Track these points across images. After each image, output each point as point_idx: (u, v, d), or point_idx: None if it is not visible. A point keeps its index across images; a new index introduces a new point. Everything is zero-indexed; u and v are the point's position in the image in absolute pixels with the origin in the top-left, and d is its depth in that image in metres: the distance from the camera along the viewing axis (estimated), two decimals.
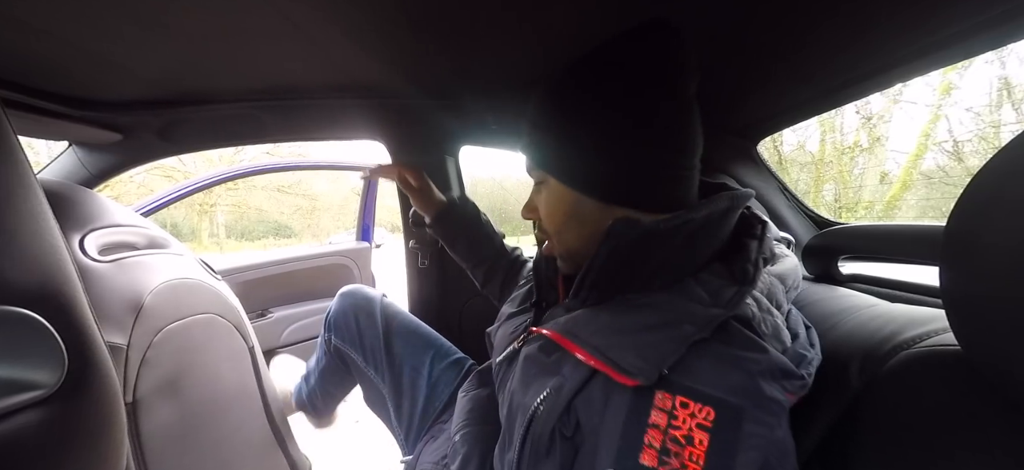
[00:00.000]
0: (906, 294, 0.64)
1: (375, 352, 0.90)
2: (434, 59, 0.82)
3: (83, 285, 0.44)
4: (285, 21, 0.66)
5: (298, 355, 1.71)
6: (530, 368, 0.46)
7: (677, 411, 0.34)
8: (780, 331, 0.41)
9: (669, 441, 0.33)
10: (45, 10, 0.61)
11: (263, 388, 1.09)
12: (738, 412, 0.33)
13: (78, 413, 0.41)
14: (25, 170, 0.41)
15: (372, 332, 0.92)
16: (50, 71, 0.81)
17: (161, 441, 0.81)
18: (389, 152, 1.22)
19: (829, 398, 0.45)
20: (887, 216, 4.33)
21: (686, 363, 0.36)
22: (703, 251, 0.44)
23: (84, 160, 1.12)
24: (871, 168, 4.66)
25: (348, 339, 0.92)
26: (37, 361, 0.38)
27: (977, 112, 3.89)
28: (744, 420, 0.33)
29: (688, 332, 0.37)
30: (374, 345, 0.90)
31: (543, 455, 0.40)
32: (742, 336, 0.37)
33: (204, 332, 0.94)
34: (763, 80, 0.77)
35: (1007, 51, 3.53)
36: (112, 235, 0.85)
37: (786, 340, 0.41)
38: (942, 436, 0.35)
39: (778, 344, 0.40)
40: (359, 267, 1.91)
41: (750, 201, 0.48)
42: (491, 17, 0.65)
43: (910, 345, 0.41)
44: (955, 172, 3.99)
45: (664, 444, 0.33)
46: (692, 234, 0.43)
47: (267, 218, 14.43)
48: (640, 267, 0.44)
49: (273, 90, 0.99)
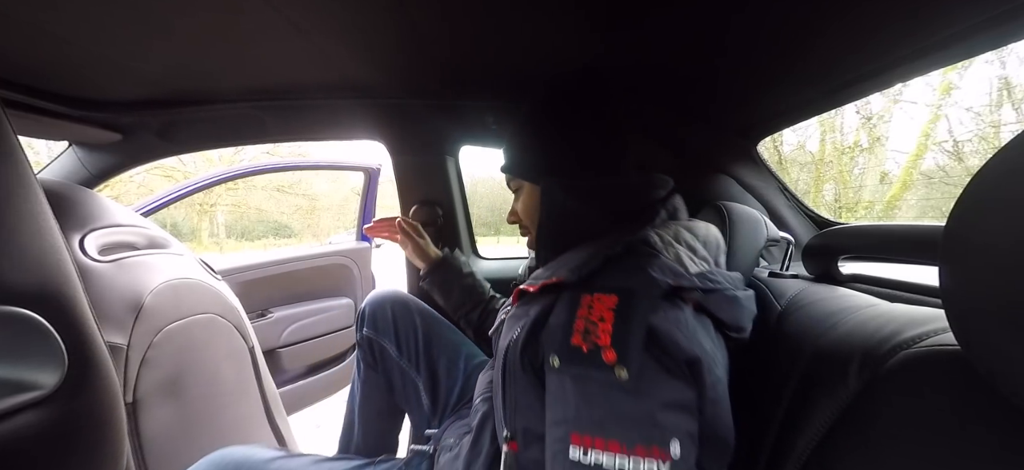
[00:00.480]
0: (906, 294, 0.64)
1: (409, 343, 0.94)
2: (434, 59, 0.82)
3: (83, 285, 0.44)
4: (285, 22, 0.66)
5: (299, 356, 1.72)
6: (511, 322, 0.58)
7: (594, 303, 0.47)
8: (681, 260, 0.54)
9: (588, 324, 0.45)
10: (45, 10, 0.61)
11: (263, 388, 1.09)
12: (631, 293, 0.46)
13: (78, 413, 0.42)
14: (25, 170, 0.41)
15: (408, 323, 0.96)
16: (50, 71, 0.81)
17: (161, 441, 0.81)
18: (389, 152, 1.22)
19: (828, 398, 0.45)
20: (887, 216, 4.32)
21: (602, 271, 0.51)
22: (618, 216, 0.61)
23: (84, 160, 1.12)
24: (871, 168, 4.66)
25: (383, 330, 0.95)
26: (37, 361, 0.38)
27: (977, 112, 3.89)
28: (635, 298, 0.45)
29: (604, 249, 0.53)
30: (409, 336, 0.94)
31: (518, 377, 0.53)
32: (643, 250, 0.52)
33: (204, 332, 0.94)
34: (763, 80, 0.77)
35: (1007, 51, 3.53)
36: (112, 235, 0.85)
37: (687, 267, 0.53)
38: (942, 436, 0.35)
39: (678, 266, 0.52)
40: (359, 267, 1.91)
41: (664, 181, 0.65)
42: (491, 18, 0.65)
43: (910, 345, 0.41)
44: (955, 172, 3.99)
45: (586, 327, 0.45)
46: (604, 192, 0.62)
47: (267, 218, 14.43)
48: (572, 225, 0.62)
49: (273, 90, 0.99)
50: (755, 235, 0.76)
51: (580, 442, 0.43)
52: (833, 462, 0.43)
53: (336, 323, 1.83)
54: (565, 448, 0.43)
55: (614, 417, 0.42)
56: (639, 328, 0.43)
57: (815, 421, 0.45)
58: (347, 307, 1.87)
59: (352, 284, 1.90)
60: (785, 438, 0.50)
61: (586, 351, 0.44)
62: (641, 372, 0.42)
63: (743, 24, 0.61)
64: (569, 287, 0.51)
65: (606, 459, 0.41)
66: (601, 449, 0.41)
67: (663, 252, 0.53)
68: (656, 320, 0.44)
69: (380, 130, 1.18)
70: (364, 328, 0.97)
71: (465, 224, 1.33)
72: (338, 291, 1.87)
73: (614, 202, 0.62)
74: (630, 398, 0.42)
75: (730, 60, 0.72)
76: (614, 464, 0.41)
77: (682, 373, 0.44)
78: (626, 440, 0.41)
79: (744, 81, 0.79)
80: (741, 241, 0.74)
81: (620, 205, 0.62)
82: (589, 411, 0.43)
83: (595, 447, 0.42)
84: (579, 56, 0.77)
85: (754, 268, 0.78)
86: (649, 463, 0.40)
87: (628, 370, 0.42)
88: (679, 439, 0.42)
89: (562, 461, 0.43)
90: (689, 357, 0.44)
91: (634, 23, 0.65)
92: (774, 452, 0.51)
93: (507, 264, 1.35)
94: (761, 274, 0.82)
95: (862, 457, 0.40)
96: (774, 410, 0.54)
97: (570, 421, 0.44)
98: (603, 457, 0.41)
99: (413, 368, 0.93)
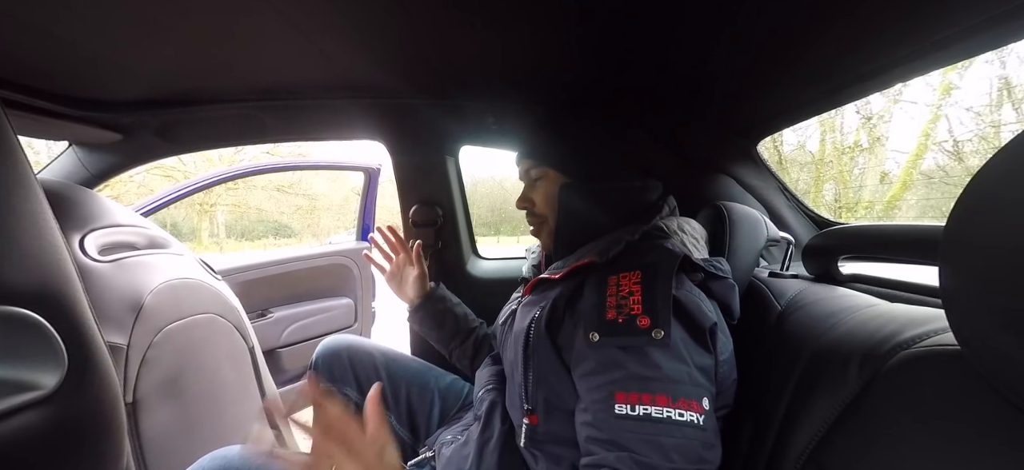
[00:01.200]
0: (906, 294, 0.64)
1: (371, 382, 0.89)
2: (434, 59, 0.82)
3: (83, 285, 0.45)
4: (285, 22, 0.66)
5: (299, 356, 1.72)
6: (524, 310, 0.65)
7: (622, 282, 0.53)
8: (687, 247, 0.61)
9: (619, 300, 0.52)
10: (45, 10, 0.61)
11: (263, 387, 1.09)
12: (653, 266, 0.52)
13: (78, 413, 0.42)
14: (25, 170, 0.41)
15: (367, 364, 0.92)
16: (50, 71, 0.81)
17: (161, 441, 0.81)
18: (389, 152, 1.22)
19: (829, 397, 0.45)
20: (887, 216, 4.32)
21: (624, 254, 0.58)
22: (629, 210, 0.67)
23: (84, 160, 1.12)
24: (871, 168, 4.66)
25: (342, 378, 0.90)
26: (37, 361, 0.38)
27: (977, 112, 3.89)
28: (657, 270, 0.52)
29: (623, 237, 0.60)
30: (370, 377, 0.90)
31: (541, 352, 0.58)
32: (657, 234, 0.62)
33: (204, 332, 0.94)
34: (763, 80, 0.77)
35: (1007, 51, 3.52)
36: (112, 235, 0.85)
37: (692, 253, 0.60)
38: (941, 435, 0.35)
39: (692, 250, 0.61)
40: (359, 267, 1.91)
41: (657, 184, 0.72)
42: (491, 17, 0.65)
43: (910, 345, 0.41)
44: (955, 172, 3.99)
45: (618, 302, 0.51)
46: (617, 195, 0.68)
47: (267, 218, 14.42)
48: (587, 224, 0.67)
49: (273, 90, 0.99)
50: (755, 235, 0.76)
51: (626, 399, 0.47)
52: (833, 461, 0.43)
53: (336, 323, 1.83)
54: (610, 406, 0.48)
55: (659, 374, 0.47)
56: (665, 296, 0.49)
57: (815, 420, 0.46)
58: (347, 307, 1.87)
59: (352, 284, 1.90)
60: (786, 437, 0.50)
61: (622, 321, 0.50)
62: (675, 334, 0.48)
63: (743, 24, 0.61)
64: (596, 270, 0.57)
65: (654, 411, 0.46)
66: (648, 403, 0.46)
67: (673, 238, 0.62)
68: (679, 294, 0.51)
69: (380, 130, 1.18)
70: (321, 382, 0.90)
71: (465, 224, 1.33)
72: (338, 291, 1.87)
73: (623, 204, 0.68)
74: (670, 356, 0.48)
75: (730, 60, 0.72)
76: (662, 414, 0.46)
77: (704, 341, 0.51)
78: (671, 393, 0.47)
79: (744, 81, 0.79)
80: (741, 241, 0.74)
81: (628, 206, 0.68)
82: (633, 370, 0.48)
83: (642, 402, 0.47)
84: (580, 55, 0.77)
85: (754, 268, 0.78)
86: (691, 414, 0.46)
87: (664, 330, 0.47)
88: (708, 396, 0.48)
89: (607, 418, 0.48)
90: (710, 325, 0.51)
91: (635, 23, 0.65)
92: (775, 451, 0.51)
93: (507, 264, 1.34)
94: (761, 274, 0.82)
95: (862, 456, 0.40)
96: (775, 409, 0.54)
97: (614, 382, 0.49)
98: (652, 409, 0.46)
99: (383, 405, 0.90)
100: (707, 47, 0.69)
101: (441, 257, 1.29)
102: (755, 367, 0.63)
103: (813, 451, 0.45)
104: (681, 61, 0.75)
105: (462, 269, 1.31)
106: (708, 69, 0.77)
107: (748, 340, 0.67)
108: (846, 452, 0.42)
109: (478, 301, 1.31)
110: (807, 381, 0.51)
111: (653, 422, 0.46)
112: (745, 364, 0.65)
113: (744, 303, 0.74)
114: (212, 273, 1.08)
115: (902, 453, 0.37)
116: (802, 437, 0.47)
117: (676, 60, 0.75)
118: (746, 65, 0.73)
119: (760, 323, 0.68)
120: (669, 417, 0.46)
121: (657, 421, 0.46)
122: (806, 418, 0.47)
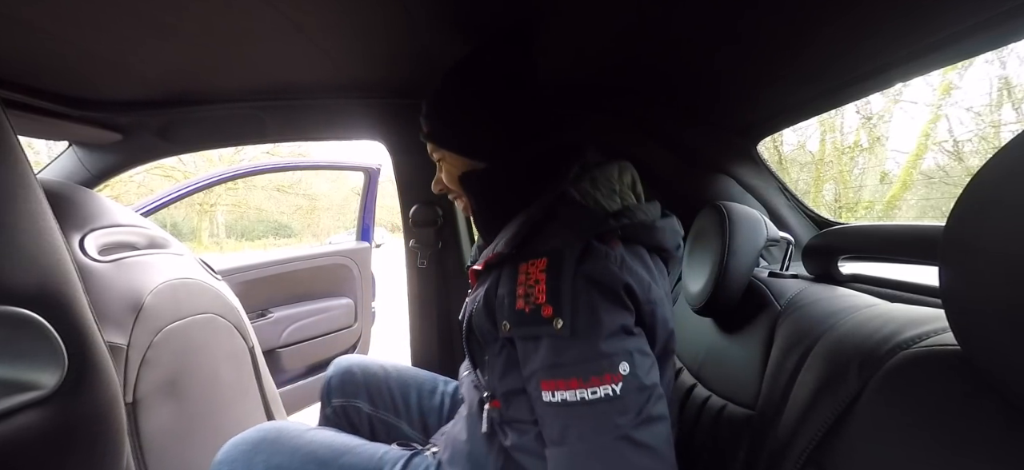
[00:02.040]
0: (906, 294, 0.64)
1: (383, 393, 0.93)
2: (434, 59, 0.82)
3: (83, 285, 0.45)
4: (285, 22, 0.66)
5: (299, 356, 1.72)
6: (470, 302, 0.65)
7: (529, 270, 0.53)
8: (600, 204, 0.60)
9: (526, 289, 0.52)
10: (45, 10, 0.61)
11: (263, 387, 1.09)
12: (558, 252, 0.52)
13: (78, 413, 0.42)
14: (25, 170, 0.41)
15: (378, 377, 0.94)
16: (50, 71, 0.81)
17: (161, 441, 0.81)
18: (389, 152, 1.22)
19: (828, 397, 0.45)
20: (887, 216, 4.32)
21: (531, 239, 0.56)
22: (539, 181, 0.63)
23: (84, 160, 1.12)
24: (871, 168, 4.66)
25: (353, 393, 0.94)
26: (37, 361, 0.38)
27: (977, 112, 3.89)
28: (562, 256, 0.51)
29: (531, 217, 0.58)
30: (382, 387, 0.93)
31: (481, 344, 0.61)
32: (565, 209, 0.57)
33: (204, 332, 0.94)
34: (763, 80, 0.77)
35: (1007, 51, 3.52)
36: (112, 235, 0.85)
37: (606, 209, 0.59)
38: (941, 436, 0.35)
39: (608, 204, 0.60)
40: (359, 267, 1.91)
41: (566, 149, 0.65)
42: (491, 17, 0.65)
43: (910, 345, 0.41)
44: (955, 172, 3.99)
45: (526, 292, 0.52)
46: (526, 168, 0.64)
47: (267, 218, 14.42)
48: (504, 199, 0.64)
49: (273, 90, 0.99)
50: (755, 235, 0.76)
51: (549, 387, 0.50)
52: (833, 461, 0.43)
53: (336, 323, 1.83)
54: (540, 395, 0.51)
55: (566, 360, 0.49)
56: (569, 280, 0.50)
57: (815, 420, 0.45)
58: (347, 307, 1.87)
59: (352, 284, 1.90)
60: (785, 437, 0.50)
61: (528, 311, 0.51)
62: (575, 317, 0.49)
63: (743, 24, 0.61)
64: (508, 260, 0.57)
65: (569, 395, 0.49)
66: (564, 389, 0.49)
67: (582, 203, 0.59)
68: (586, 268, 0.51)
69: (380, 130, 1.18)
70: (333, 400, 0.94)
71: (465, 224, 1.33)
72: (338, 291, 1.87)
73: (537, 168, 0.64)
74: (572, 342, 0.49)
75: (730, 60, 0.72)
76: (576, 397, 0.48)
77: (619, 299, 0.51)
78: (580, 374, 0.49)
79: (744, 81, 0.79)
80: (741, 241, 0.74)
81: (542, 169, 0.64)
82: (546, 359, 0.50)
83: (558, 388, 0.49)
84: (580, 55, 0.77)
85: (754, 268, 0.78)
86: (604, 388, 0.48)
87: (563, 319, 0.49)
88: (626, 359, 0.49)
89: (541, 406, 0.51)
90: (623, 284, 0.51)
91: (636, 23, 0.65)
92: (774, 451, 0.51)
93: None
94: (761, 274, 0.82)
95: (862, 456, 0.40)
96: (775, 409, 0.54)
97: (538, 371, 0.51)
98: (566, 394, 0.49)
99: (392, 413, 0.92)
100: (707, 47, 0.69)
101: (441, 257, 1.29)
102: (755, 367, 0.63)
103: (813, 451, 0.45)
104: (681, 61, 0.75)
105: (462, 269, 1.31)
106: (708, 69, 0.77)
107: (748, 340, 0.67)
108: (846, 452, 0.42)
109: None
110: (807, 381, 0.51)
111: (569, 406, 0.49)
112: (745, 364, 0.65)
113: (744, 303, 0.74)
114: (212, 273, 1.08)
115: (902, 453, 0.37)
116: (802, 437, 0.46)
117: (676, 60, 0.75)
118: (746, 65, 0.73)
119: (760, 323, 0.68)
120: (582, 398, 0.48)
121: (573, 405, 0.48)
122: (806, 418, 0.47)
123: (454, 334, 1.30)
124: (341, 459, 0.69)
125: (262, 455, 0.68)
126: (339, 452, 0.70)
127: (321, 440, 0.72)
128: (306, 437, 0.72)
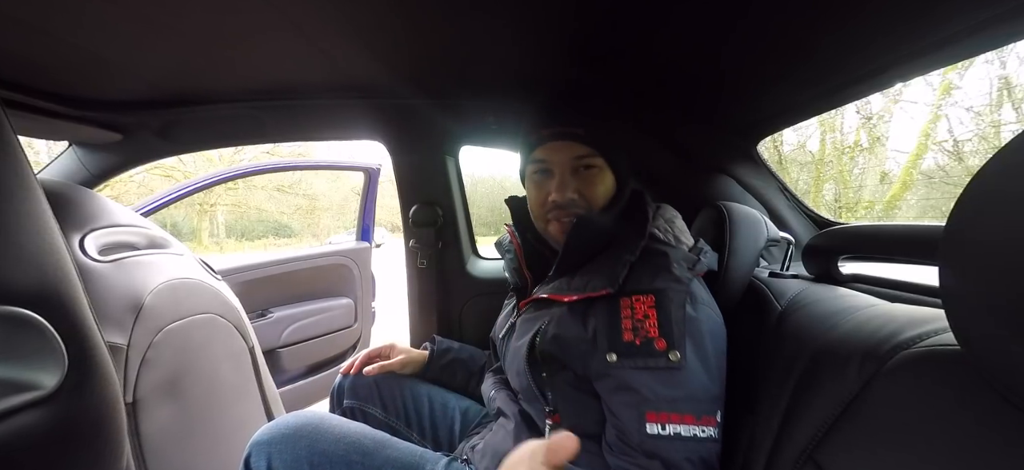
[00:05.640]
0: (906, 294, 0.64)
1: (395, 400, 0.92)
2: (434, 59, 0.82)
3: (83, 285, 0.44)
4: (285, 22, 0.66)
5: (299, 356, 1.72)
6: (525, 325, 0.68)
7: (635, 304, 0.57)
8: (680, 239, 0.67)
9: (635, 323, 0.56)
10: (45, 10, 0.61)
11: (263, 387, 1.09)
12: (663, 292, 0.57)
13: (78, 413, 0.41)
14: (25, 170, 0.41)
15: (391, 385, 0.93)
16: (50, 71, 0.81)
17: (161, 441, 0.81)
18: (389, 152, 1.22)
19: (829, 397, 0.45)
20: (887, 216, 4.32)
21: (630, 277, 0.60)
22: (633, 217, 0.68)
23: (84, 160, 1.12)
24: (871, 168, 4.66)
25: (366, 397, 0.93)
26: (37, 361, 0.38)
27: (977, 112, 3.88)
28: (669, 294, 0.56)
29: (626, 257, 0.62)
30: (394, 394, 0.92)
31: (549, 364, 0.63)
32: (655, 251, 0.62)
33: (204, 332, 0.94)
34: (763, 80, 0.77)
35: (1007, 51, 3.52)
36: (112, 235, 0.85)
37: (686, 242, 0.66)
38: (941, 435, 0.35)
39: (681, 245, 0.65)
40: (359, 267, 1.91)
41: (649, 201, 0.71)
42: (491, 18, 0.65)
43: (910, 345, 0.41)
44: (955, 172, 3.98)
45: (634, 325, 0.56)
46: (633, 200, 0.71)
47: (267, 218, 14.43)
48: (600, 234, 0.67)
49: (273, 90, 0.99)
50: (755, 235, 0.76)
51: (656, 419, 0.52)
52: (833, 461, 0.43)
53: (336, 323, 1.83)
54: (642, 424, 0.52)
55: (683, 394, 0.52)
56: (679, 320, 0.55)
57: (815, 420, 0.45)
58: (347, 307, 1.87)
59: (352, 284, 1.90)
60: (785, 437, 0.50)
61: (639, 343, 0.55)
62: (689, 354, 0.53)
63: (744, 25, 0.61)
64: (609, 298, 0.59)
65: (683, 429, 0.51)
66: (677, 423, 0.52)
67: (668, 240, 0.65)
68: (690, 310, 0.56)
69: (380, 130, 1.18)
70: (345, 401, 0.93)
71: (465, 224, 1.33)
72: (338, 291, 1.87)
73: (629, 212, 0.70)
74: (690, 377, 0.53)
75: (731, 60, 0.72)
76: (690, 433, 0.52)
77: (721, 347, 0.57)
78: (695, 412, 0.52)
79: (744, 81, 0.79)
80: (741, 241, 0.74)
81: (632, 214, 0.69)
82: (659, 391, 0.53)
83: (672, 421, 0.52)
84: (581, 55, 0.77)
85: (754, 268, 0.78)
86: (709, 429, 0.52)
87: (680, 352, 0.53)
88: (720, 410, 0.54)
89: (639, 435, 0.53)
90: (724, 333, 0.58)
91: (637, 22, 0.65)
92: (774, 451, 0.51)
93: None
94: (761, 274, 0.82)
95: (862, 456, 0.40)
96: (774, 409, 0.54)
97: (643, 402, 0.53)
98: (681, 428, 0.52)
99: (403, 423, 0.91)
100: (707, 47, 0.69)
101: (441, 257, 1.29)
102: (755, 367, 0.63)
103: (813, 451, 0.45)
104: (681, 61, 0.75)
105: (462, 269, 1.31)
106: (708, 69, 0.77)
107: (748, 340, 0.67)
108: (846, 452, 0.42)
109: (478, 301, 1.31)
110: (807, 381, 0.51)
111: (683, 440, 0.51)
112: (745, 364, 0.65)
113: (744, 303, 0.74)
114: (212, 273, 1.08)
115: (902, 453, 0.37)
116: (802, 437, 0.46)
117: (676, 60, 0.75)
118: (746, 65, 0.73)
119: (760, 323, 0.68)
120: (696, 435, 0.52)
121: (686, 439, 0.51)
122: (806, 418, 0.47)
123: (454, 334, 1.30)
124: (384, 451, 0.70)
125: (305, 440, 0.68)
126: (382, 444, 0.71)
127: (363, 431, 0.72)
128: (347, 427, 0.72)
